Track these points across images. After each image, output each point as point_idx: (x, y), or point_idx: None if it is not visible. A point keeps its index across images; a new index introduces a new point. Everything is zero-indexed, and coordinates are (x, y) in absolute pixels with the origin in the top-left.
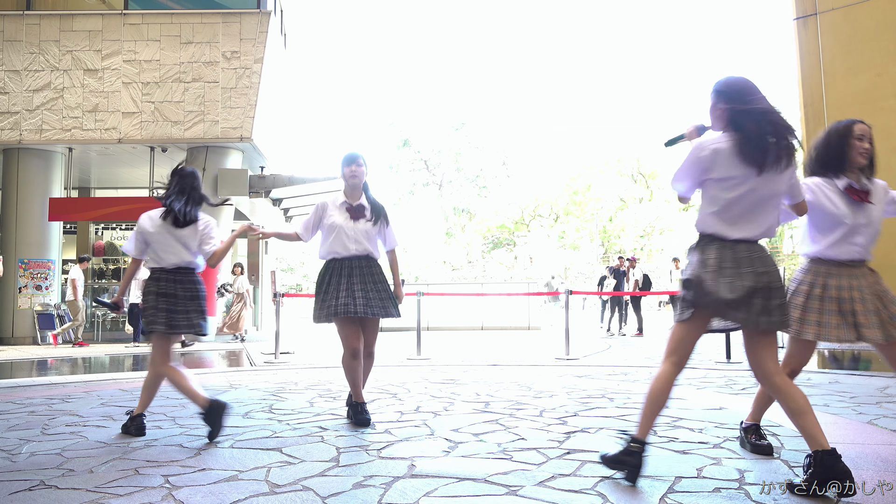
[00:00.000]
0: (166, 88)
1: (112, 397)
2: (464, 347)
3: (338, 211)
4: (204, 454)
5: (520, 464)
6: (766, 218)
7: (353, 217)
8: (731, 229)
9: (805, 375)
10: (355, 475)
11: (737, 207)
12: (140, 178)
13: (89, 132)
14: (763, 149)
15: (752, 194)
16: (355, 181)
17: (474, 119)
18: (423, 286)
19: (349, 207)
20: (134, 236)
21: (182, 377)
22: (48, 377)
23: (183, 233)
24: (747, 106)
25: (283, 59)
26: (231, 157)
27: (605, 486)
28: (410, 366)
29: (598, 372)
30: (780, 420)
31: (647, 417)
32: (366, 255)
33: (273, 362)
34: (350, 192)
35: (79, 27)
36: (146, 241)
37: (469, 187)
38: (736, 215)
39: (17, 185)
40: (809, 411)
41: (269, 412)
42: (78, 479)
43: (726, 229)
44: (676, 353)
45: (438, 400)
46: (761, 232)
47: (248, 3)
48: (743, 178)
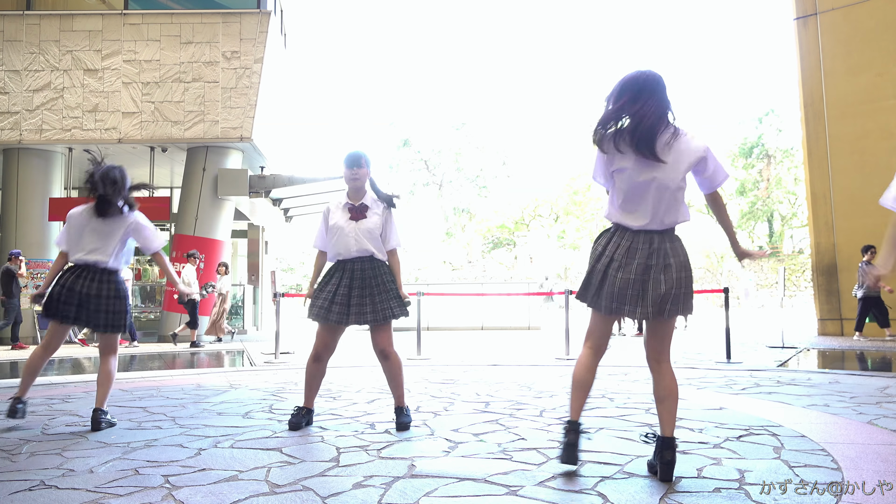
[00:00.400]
0: (166, 88)
1: (112, 397)
2: (464, 347)
3: (339, 212)
4: (204, 454)
5: (520, 464)
6: (669, 208)
7: (354, 217)
8: (630, 219)
9: (805, 375)
10: (355, 475)
11: (635, 198)
12: (140, 178)
13: (89, 132)
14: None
15: (646, 187)
16: (356, 184)
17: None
18: (423, 286)
19: (351, 208)
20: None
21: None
22: (48, 377)
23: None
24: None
25: (283, 59)
26: (231, 157)
27: (605, 486)
28: (410, 366)
29: (599, 372)
30: (780, 420)
31: (574, 401)
32: (369, 255)
33: (273, 362)
34: (353, 193)
35: (79, 27)
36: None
37: (469, 187)
38: (635, 206)
39: (17, 185)
40: (670, 402)
41: (269, 412)
42: (78, 479)
43: (626, 219)
44: (591, 338)
45: (438, 400)
46: (658, 221)
47: (248, 3)
48: (635, 170)
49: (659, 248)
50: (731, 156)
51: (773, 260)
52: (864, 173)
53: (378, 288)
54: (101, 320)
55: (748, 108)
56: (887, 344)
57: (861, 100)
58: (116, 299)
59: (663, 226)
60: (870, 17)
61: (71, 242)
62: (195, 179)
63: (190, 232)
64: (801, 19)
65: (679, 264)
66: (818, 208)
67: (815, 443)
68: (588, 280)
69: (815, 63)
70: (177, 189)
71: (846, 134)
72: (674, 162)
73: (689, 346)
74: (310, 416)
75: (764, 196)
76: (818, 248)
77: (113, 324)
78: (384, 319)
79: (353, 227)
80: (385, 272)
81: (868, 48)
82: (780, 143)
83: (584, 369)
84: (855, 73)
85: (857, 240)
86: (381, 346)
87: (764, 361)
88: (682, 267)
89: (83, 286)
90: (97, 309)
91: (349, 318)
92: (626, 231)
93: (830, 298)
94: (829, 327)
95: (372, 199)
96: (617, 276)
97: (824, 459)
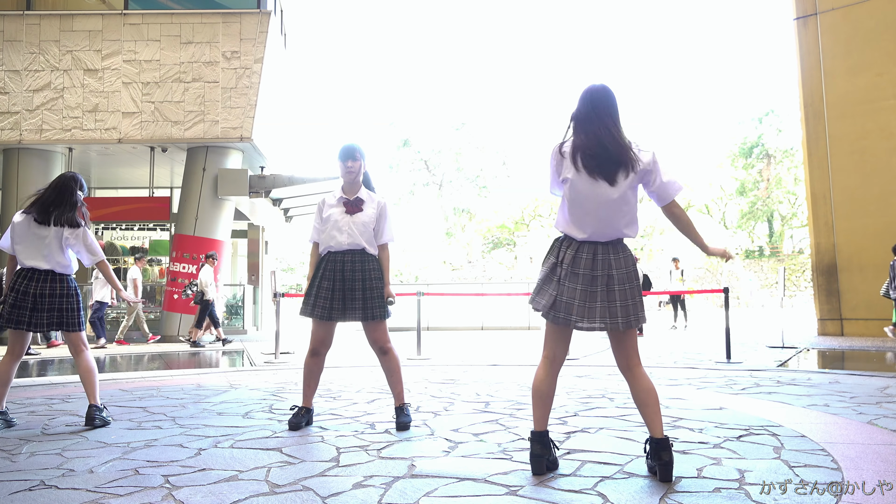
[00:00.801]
0: (166, 88)
1: (112, 397)
2: (464, 347)
3: (334, 205)
4: (204, 454)
5: (520, 464)
6: (610, 221)
7: (349, 211)
8: (575, 229)
9: (805, 375)
10: (355, 475)
11: (578, 209)
12: (140, 178)
13: (89, 132)
14: (587, 158)
15: (588, 199)
16: (351, 177)
17: (474, 119)
18: (423, 286)
19: (346, 202)
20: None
21: (5, 376)
22: (48, 377)
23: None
24: (588, 117)
25: (283, 59)
26: (231, 157)
27: (605, 486)
28: (411, 366)
29: (598, 372)
30: (780, 420)
31: (536, 412)
32: (360, 249)
33: (273, 362)
34: (348, 187)
35: (79, 27)
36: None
37: (469, 187)
38: (579, 217)
39: (17, 185)
40: (652, 404)
41: (269, 412)
42: (78, 479)
43: (572, 229)
44: (547, 349)
45: (438, 400)
46: (600, 233)
47: (248, 3)
48: (577, 181)
49: (603, 259)
50: (731, 156)
51: (773, 260)
52: (864, 173)
53: (366, 284)
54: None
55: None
56: (887, 343)
57: (861, 100)
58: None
59: (606, 237)
60: (870, 17)
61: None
62: (195, 179)
63: (190, 232)
64: (801, 19)
65: (621, 276)
66: (818, 208)
67: (815, 443)
68: (538, 289)
69: (815, 63)
70: (177, 189)
71: (846, 134)
72: (625, 176)
73: (689, 346)
74: (309, 415)
75: (764, 196)
76: (818, 248)
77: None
78: (372, 318)
79: (348, 220)
80: (374, 268)
81: (868, 48)
82: (780, 143)
83: (541, 381)
84: (855, 73)
85: (857, 240)
86: (378, 342)
87: (764, 361)
88: (624, 279)
89: (36, 288)
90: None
91: (339, 313)
92: (572, 241)
93: (830, 298)
94: (829, 327)
95: (367, 192)
96: (565, 285)
97: (824, 459)
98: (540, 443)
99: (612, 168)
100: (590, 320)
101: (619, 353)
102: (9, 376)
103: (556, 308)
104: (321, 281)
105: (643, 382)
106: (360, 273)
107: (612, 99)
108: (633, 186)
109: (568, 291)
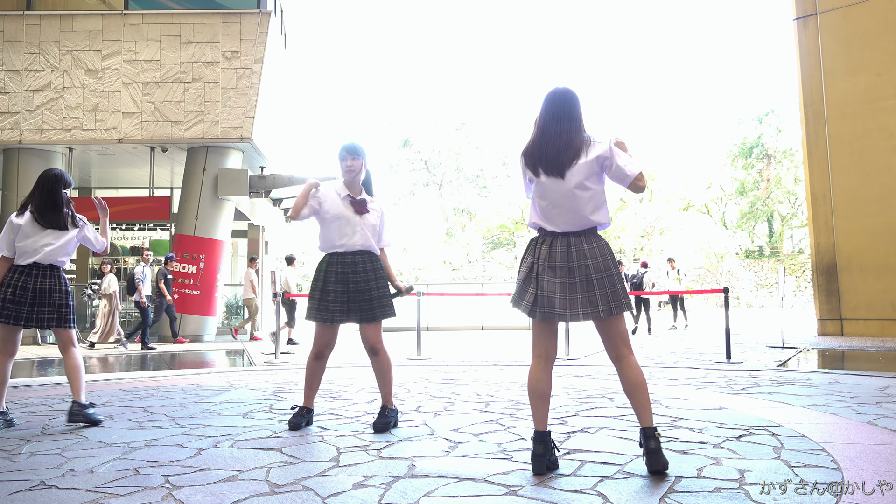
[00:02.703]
0: (166, 88)
1: (112, 397)
2: (464, 347)
3: (340, 202)
4: (204, 454)
5: (520, 464)
6: (576, 209)
7: (358, 211)
8: (548, 223)
9: (805, 375)
10: (355, 475)
11: (544, 202)
12: (140, 178)
13: (89, 132)
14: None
15: (549, 191)
16: (351, 176)
17: (474, 119)
18: (424, 286)
19: (353, 201)
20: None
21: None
22: (48, 377)
23: (53, 234)
24: (543, 119)
25: (283, 59)
26: (231, 157)
27: (605, 486)
28: (411, 366)
29: (598, 372)
30: (780, 420)
31: (535, 412)
32: (369, 250)
33: (273, 362)
34: (350, 185)
35: (79, 27)
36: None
37: (469, 187)
38: (546, 210)
39: (17, 185)
40: (641, 393)
41: (269, 412)
42: (78, 479)
43: (545, 224)
44: (537, 347)
45: (438, 400)
46: (572, 224)
47: (248, 3)
48: (537, 180)
49: (577, 250)
50: (730, 156)
51: (773, 260)
52: (864, 173)
53: (373, 283)
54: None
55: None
56: (887, 344)
57: (861, 100)
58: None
59: (577, 227)
60: (870, 17)
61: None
62: (195, 179)
63: (190, 232)
64: (801, 19)
65: (597, 266)
66: (818, 208)
67: (815, 443)
68: (519, 289)
69: (815, 63)
70: (177, 189)
71: (846, 134)
72: (577, 168)
73: (689, 345)
74: (310, 415)
75: (764, 196)
76: (818, 248)
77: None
78: (374, 319)
79: (359, 221)
80: (379, 268)
81: (868, 48)
82: (779, 143)
83: (537, 380)
84: (855, 73)
85: (857, 240)
86: (371, 342)
87: (764, 361)
88: (601, 268)
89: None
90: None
91: (346, 316)
92: (546, 237)
93: (830, 298)
94: (829, 327)
95: (366, 196)
96: (544, 279)
97: (824, 459)
98: (542, 443)
99: (556, 162)
100: (572, 311)
101: (608, 341)
102: (4, 376)
103: (539, 304)
104: (329, 284)
105: (632, 371)
106: (371, 273)
107: (569, 100)
108: (589, 176)
109: (548, 286)
